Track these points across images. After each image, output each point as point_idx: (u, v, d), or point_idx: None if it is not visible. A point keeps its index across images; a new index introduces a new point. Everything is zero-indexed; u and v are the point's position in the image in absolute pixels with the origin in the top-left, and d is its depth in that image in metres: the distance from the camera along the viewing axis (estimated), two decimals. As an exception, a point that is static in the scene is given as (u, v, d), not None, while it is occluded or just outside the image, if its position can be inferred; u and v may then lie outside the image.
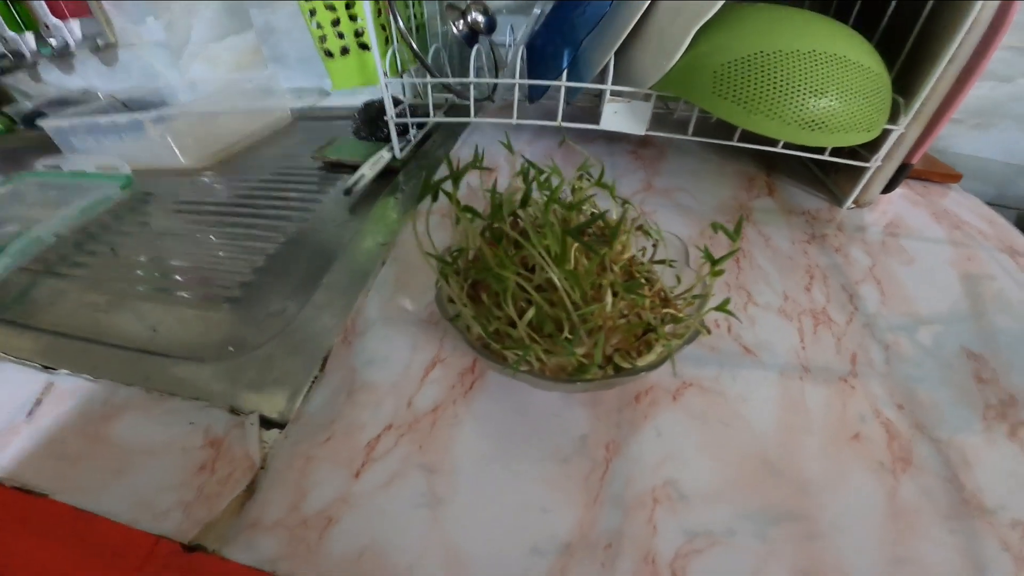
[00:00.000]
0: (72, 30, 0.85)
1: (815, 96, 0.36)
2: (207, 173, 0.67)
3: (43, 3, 0.81)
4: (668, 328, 0.26)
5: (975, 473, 0.25)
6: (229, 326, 0.40)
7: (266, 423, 0.29)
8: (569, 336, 0.24)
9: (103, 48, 0.91)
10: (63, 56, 0.87)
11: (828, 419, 0.27)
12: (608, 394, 0.29)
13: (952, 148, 0.68)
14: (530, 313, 0.24)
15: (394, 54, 0.52)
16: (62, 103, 0.92)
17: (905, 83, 0.40)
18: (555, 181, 0.31)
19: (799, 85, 0.36)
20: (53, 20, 0.83)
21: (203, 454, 0.27)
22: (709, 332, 0.26)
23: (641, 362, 0.25)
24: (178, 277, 0.47)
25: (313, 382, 0.31)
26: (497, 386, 0.30)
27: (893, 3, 0.43)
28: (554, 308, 0.25)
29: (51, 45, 0.83)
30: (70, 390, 0.32)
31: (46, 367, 0.35)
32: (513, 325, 0.25)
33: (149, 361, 0.35)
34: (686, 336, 0.25)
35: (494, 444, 0.27)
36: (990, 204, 0.72)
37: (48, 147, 0.70)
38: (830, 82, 0.36)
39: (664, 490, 0.24)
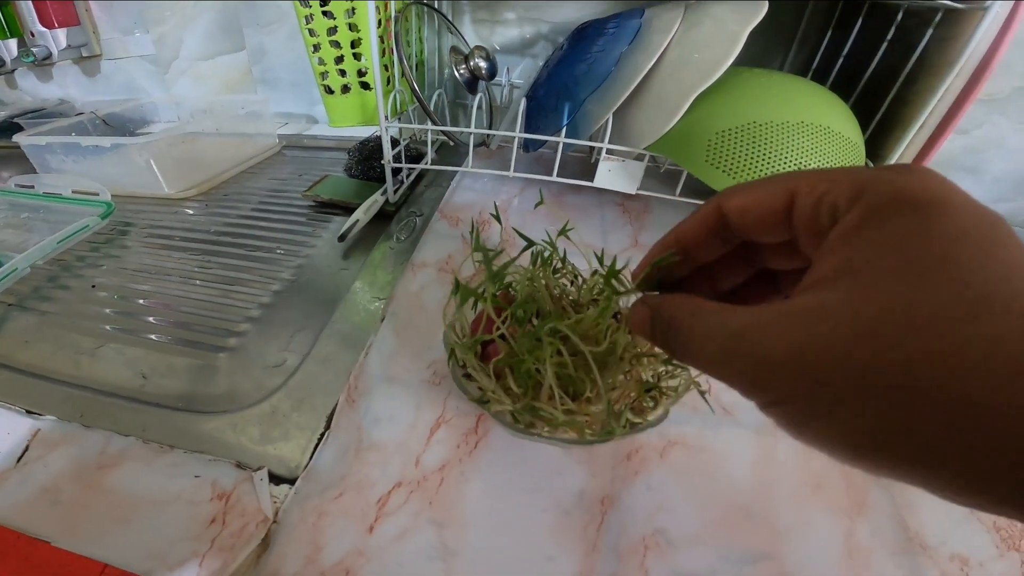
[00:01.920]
0: (57, 39, 0.85)
1: (798, 168, 0.41)
2: (191, 204, 0.67)
3: (32, 10, 0.81)
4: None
5: (919, 513, 0.30)
6: (226, 377, 0.40)
7: (274, 478, 0.31)
8: (589, 396, 0.28)
9: (86, 59, 0.92)
10: (42, 64, 0.87)
11: (796, 471, 0.32)
12: (602, 453, 0.32)
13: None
14: (546, 382, 0.27)
15: (395, 96, 0.55)
16: (38, 113, 0.91)
17: (876, 147, 0.45)
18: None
19: (785, 157, 0.41)
20: (39, 28, 0.83)
21: (212, 507, 0.29)
22: (700, 387, 0.29)
23: (650, 416, 0.28)
24: (165, 321, 0.46)
25: (320, 439, 0.33)
26: (500, 445, 0.32)
27: (871, 68, 0.48)
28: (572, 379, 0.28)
29: (34, 54, 0.82)
30: (61, 437, 0.33)
31: (29, 412, 0.35)
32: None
33: (143, 411, 0.36)
34: (680, 389, 0.29)
35: (500, 499, 0.30)
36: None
37: (19, 161, 0.69)
38: (813, 154, 0.41)
39: (654, 538, 0.28)
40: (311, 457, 0.32)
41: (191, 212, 0.65)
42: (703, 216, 0.19)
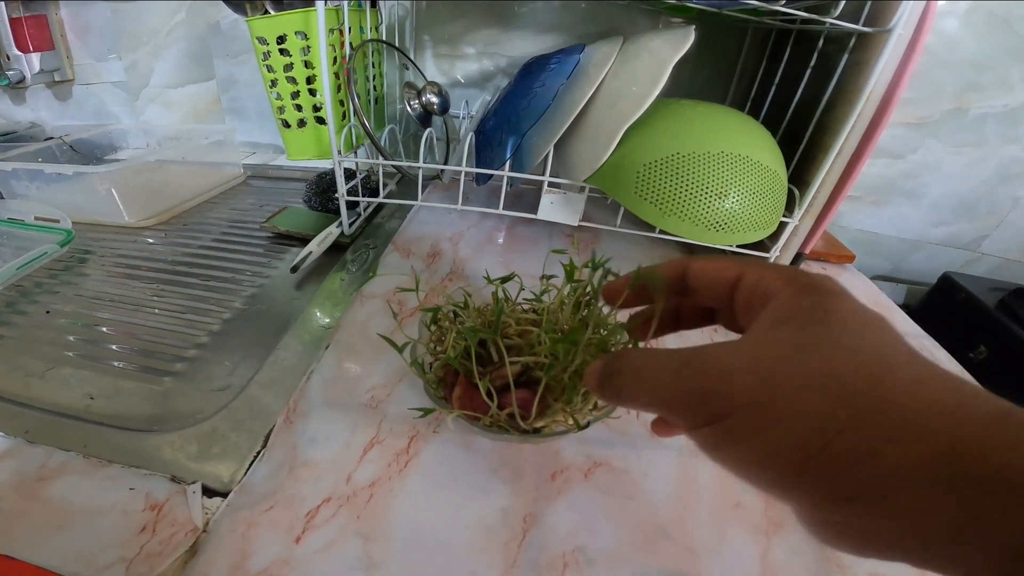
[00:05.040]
0: (31, 62, 0.90)
1: (719, 198, 0.44)
2: (152, 233, 0.70)
3: (9, 34, 0.86)
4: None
5: (836, 533, 0.33)
6: (171, 399, 0.43)
7: (208, 492, 0.34)
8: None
9: (59, 83, 0.97)
10: (16, 88, 0.92)
11: (716, 491, 0.35)
12: (527, 472, 0.36)
13: (855, 224, 0.79)
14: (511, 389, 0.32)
15: (350, 130, 0.60)
16: (9, 136, 0.95)
17: (802, 174, 0.49)
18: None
19: (706, 187, 0.44)
20: (15, 51, 0.88)
21: (144, 517, 0.32)
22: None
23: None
24: (116, 346, 0.50)
25: (256, 456, 0.36)
26: (429, 465, 0.36)
27: (797, 95, 0.53)
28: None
29: (8, 77, 0.87)
30: (4, 451, 0.36)
31: (-25, 428, 0.38)
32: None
33: (86, 429, 0.39)
34: None
35: (426, 515, 0.33)
36: (885, 278, 0.84)
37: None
38: (732, 183, 0.44)
39: (573, 555, 0.31)
40: (246, 473, 0.35)
41: (151, 241, 0.69)
42: (670, 266, 0.25)
